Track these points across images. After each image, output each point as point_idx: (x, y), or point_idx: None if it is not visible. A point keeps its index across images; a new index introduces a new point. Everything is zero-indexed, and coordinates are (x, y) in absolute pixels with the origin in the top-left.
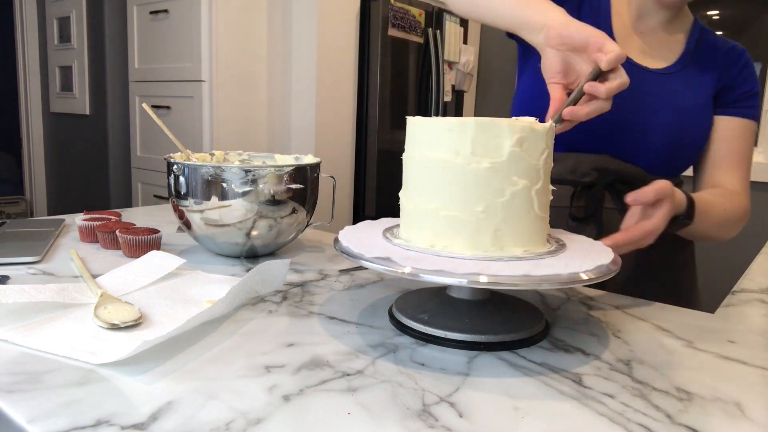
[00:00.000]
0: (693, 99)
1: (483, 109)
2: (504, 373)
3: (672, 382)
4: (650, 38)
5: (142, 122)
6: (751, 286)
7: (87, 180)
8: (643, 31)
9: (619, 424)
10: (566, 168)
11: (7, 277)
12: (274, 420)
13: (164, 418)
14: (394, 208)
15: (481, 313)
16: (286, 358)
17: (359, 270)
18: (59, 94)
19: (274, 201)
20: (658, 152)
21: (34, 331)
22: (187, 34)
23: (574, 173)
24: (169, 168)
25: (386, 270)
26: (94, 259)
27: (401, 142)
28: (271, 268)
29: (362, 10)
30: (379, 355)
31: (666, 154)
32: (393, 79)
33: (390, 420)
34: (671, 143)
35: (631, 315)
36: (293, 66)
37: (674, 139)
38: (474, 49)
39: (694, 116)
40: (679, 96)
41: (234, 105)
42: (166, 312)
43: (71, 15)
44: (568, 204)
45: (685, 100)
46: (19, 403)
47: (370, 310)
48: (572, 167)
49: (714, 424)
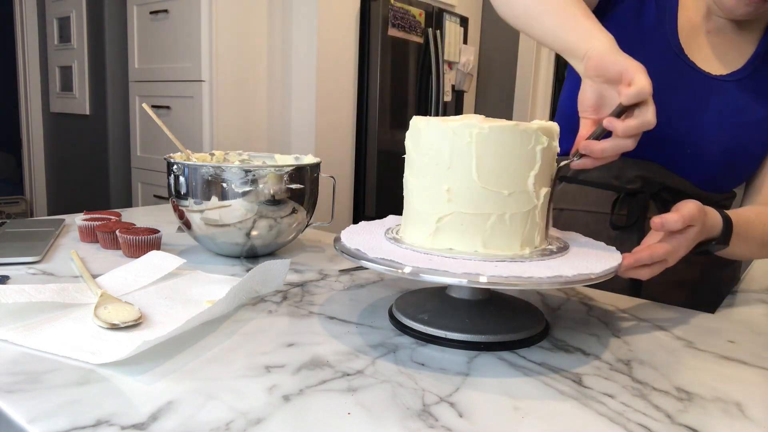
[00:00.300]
0: (755, 112)
1: (483, 109)
2: (504, 373)
3: (672, 382)
4: (718, 38)
5: (142, 122)
6: (751, 286)
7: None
8: (711, 30)
9: (619, 424)
10: (610, 173)
11: (7, 277)
12: (274, 420)
13: (164, 418)
14: (394, 208)
15: (481, 313)
16: (286, 358)
17: (359, 270)
18: (59, 94)
19: (274, 201)
20: (711, 168)
21: (34, 331)
22: (187, 34)
23: (619, 179)
24: (169, 168)
25: (386, 270)
26: (94, 259)
27: (401, 142)
28: (271, 268)
29: (362, 10)
30: (379, 355)
31: (718, 172)
32: (393, 79)
33: (390, 420)
34: (725, 161)
35: (631, 315)
36: (293, 66)
37: (730, 155)
38: (474, 49)
39: (757, 131)
40: (742, 108)
41: (234, 105)
42: (166, 312)
43: (71, 15)
44: (609, 210)
45: (748, 114)
46: (19, 403)
47: (370, 310)
48: (616, 173)
49: (714, 424)
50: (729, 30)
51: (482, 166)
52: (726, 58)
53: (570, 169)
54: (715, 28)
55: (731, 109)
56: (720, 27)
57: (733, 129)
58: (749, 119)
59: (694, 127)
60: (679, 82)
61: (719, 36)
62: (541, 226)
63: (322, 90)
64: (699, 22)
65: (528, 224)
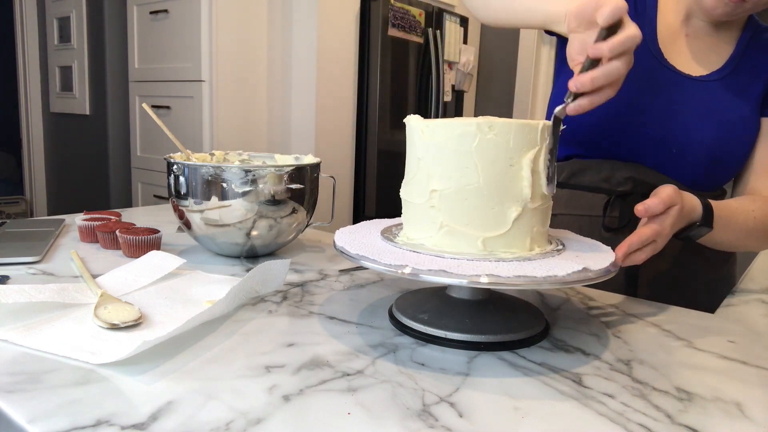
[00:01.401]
0: (737, 110)
1: (483, 109)
2: (504, 373)
3: (672, 382)
4: (697, 41)
5: (142, 122)
6: (751, 286)
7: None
8: (689, 33)
9: (619, 424)
10: (600, 176)
11: (7, 277)
12: (274, 420)
13: (164, 418)
14: (394, 208)
15: (481, 313)
16: (286, 358)
17: (359, 270)
18: (59, 94)
19: (274, 201)
20: (695, 168)
21: (34, 331)
22: (187, 34)
23: (609, 181)
24: (169, 168)
25: (386, 270)
26: (94, 259)
27: (401, 142)
28: (271, 268)
29: (362, 10)
30: (379, 355)
31: (704, 170)
32: (393, 79)
33: (390, 420)
34: (710, 159)
35: (631, 315)
36: (293, 66)
37: (714, 154)
38: (474, 49)
39: (737, 129)
40: (722, 108)
41: (234, 105)
42: (166, 312)
43: (71, 15)
44: (601, 213)
45: (728, 112)
46: (19, 403)
47: (370, 310)
48: (607, 175)
49: (714, 424)
50: (707, 32)
51: (482, 165)
52: (705, 60)
53: (567, 114)
54: (694, 31)
55: (713, 108)
56: (698, 30)
57: (716, 128)
58: (731, 117)
59: (678, 127)
60: (660, 85)
61: (698, 39)
62: (541, 225)
63: (322, 90)
64: (678, 26)
65: (528, 224)
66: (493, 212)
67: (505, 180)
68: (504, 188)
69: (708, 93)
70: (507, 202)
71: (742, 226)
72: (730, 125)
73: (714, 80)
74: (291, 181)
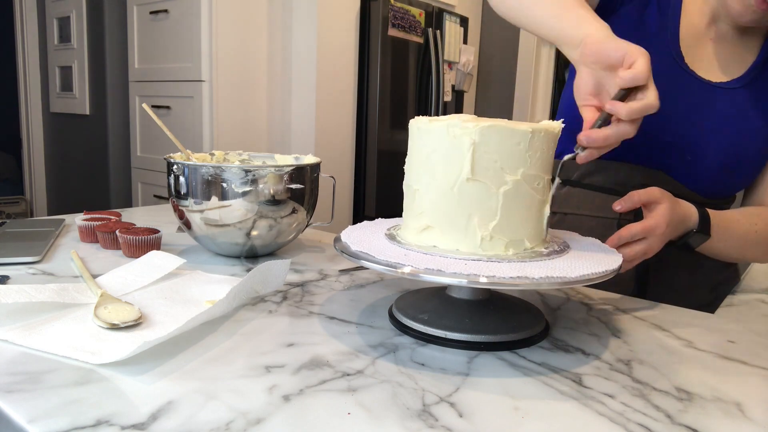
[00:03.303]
0: (755, 120)
1: (483, 109)
2: (504, 373)
3: (672, 382)
4: (721, 46)
5: (142, 122)
6: (751, 286)
7: (87, 180)
8: (714, 38)
9: (619, 424)
10: (617, 178)
11: (7, 277)
12: (274, 420)
13: (164, 418)
14: (394, 208)
15: (481, 313)
16: (286, 358)
17: (359, 270)
18: (59, 94)
19: (274, 201)
20: (709, 174)
21: (34, 331)
22: (187, 34)
23: (626, 185)
24: (169, 168)
25: (386, 270)
26: (94, 259)
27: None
28: (271, 268)
29: (362, 10)
30: (379, 355)
31: (720, 178)
32: (393, 79)
33: (390, 420)
34: (725, 167)
35: (631, 315)
36: (293, 66)
37: (730, 163)
38: (474, 49)
39: (756, 138)
40: (741, 116)
41: (234, 105)
42: (166, 312)
43: (71, 15)
44: (617, 216)
45: (747, 121)
46: (19, 403)
47: (370, 310)
48: (624, 179)
49: (714, 424)
50: (732, 37)
51: (481, 165)
52: (727, 66)
53: (576, 163)
54: (719, 35)
55: (730, 116)
56: (723, 34)
57: (732, 136)
58: (748, 126)
59: (693, 133)
60: (679, 89)
61: (722, 43)
62: (541, 226)
63: (322, 90)
64: (703, 28)
65: (528, 224)
66: (492, 213)
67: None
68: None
69: (727, 101)
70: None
71: (741, 236)
72: (747, 135)
73: (734, 88)
74: (291, 181)
